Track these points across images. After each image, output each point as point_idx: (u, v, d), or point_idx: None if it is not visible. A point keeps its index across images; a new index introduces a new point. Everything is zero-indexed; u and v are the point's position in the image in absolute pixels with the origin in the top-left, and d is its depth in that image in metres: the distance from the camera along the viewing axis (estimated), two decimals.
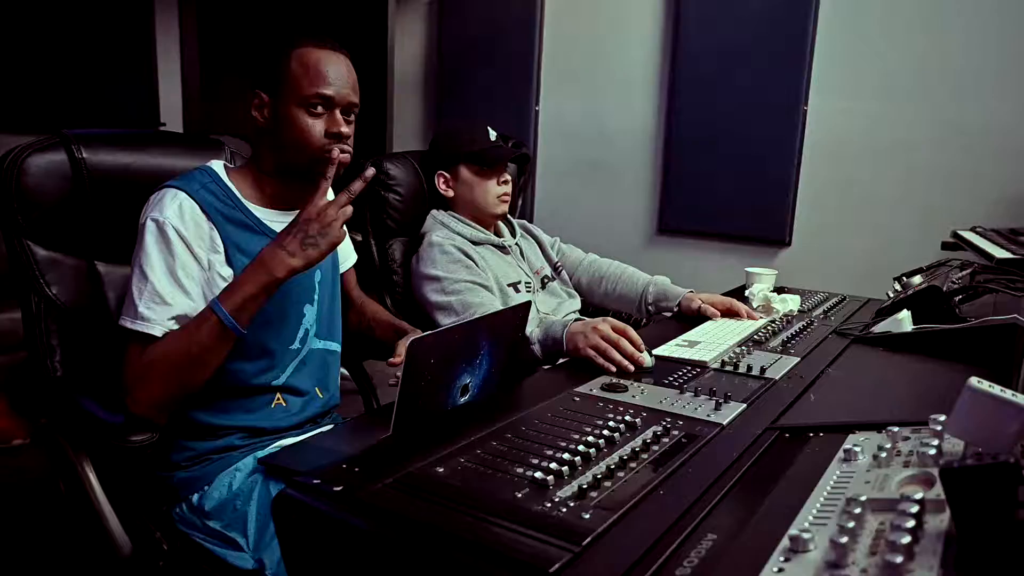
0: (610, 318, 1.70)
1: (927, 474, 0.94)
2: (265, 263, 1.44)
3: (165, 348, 1.43)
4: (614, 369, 1.60)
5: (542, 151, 5.04)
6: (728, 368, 1.64)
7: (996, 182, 3.75)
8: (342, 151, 1.55)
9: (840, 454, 1.10)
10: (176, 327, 1.45)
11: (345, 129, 1.56)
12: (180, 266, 1.46)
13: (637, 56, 4.66)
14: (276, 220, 1.62)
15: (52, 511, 2.61)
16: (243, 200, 1.59)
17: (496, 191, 2.24)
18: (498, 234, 2.33)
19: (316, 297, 1.71)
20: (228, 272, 1.52)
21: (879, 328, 1.98)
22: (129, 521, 1.46)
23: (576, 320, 1.76)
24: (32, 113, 4.25)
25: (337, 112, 1.56)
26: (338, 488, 1.00)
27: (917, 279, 2.24)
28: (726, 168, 4.41)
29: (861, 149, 4.07)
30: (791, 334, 1.96)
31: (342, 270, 1.91)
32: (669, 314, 2.26)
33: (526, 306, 1.52)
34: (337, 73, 1.55)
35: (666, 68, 4.56)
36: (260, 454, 1.53)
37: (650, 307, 2.30)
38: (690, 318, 2.13)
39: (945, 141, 3.85)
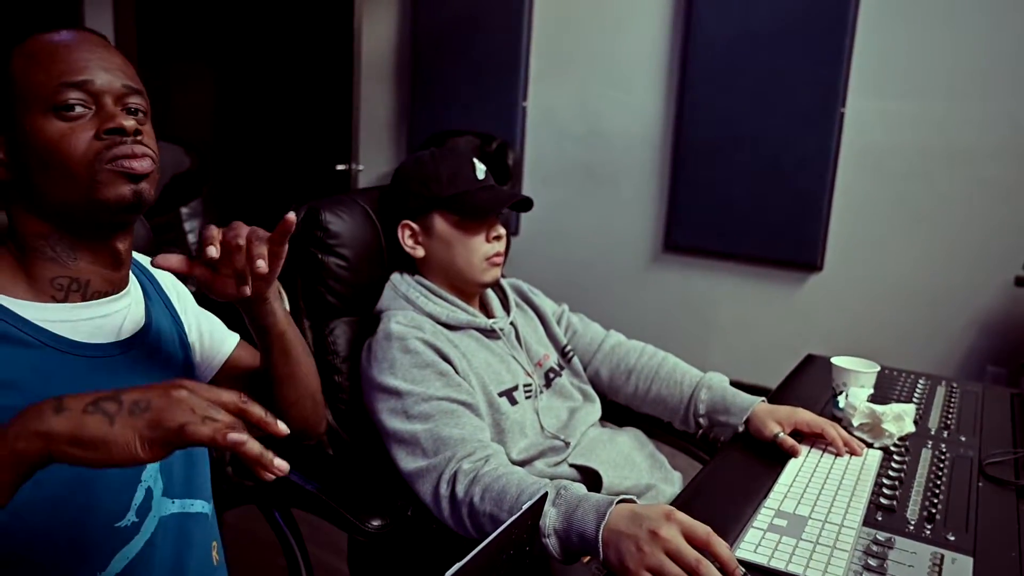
0: (678, 514, 1.02)
1: None
2: (13, 420, 0.76)
3: None
4: None
5: (530, 153, 4.43)
6: None
7: None
8: (134, 152, 0.96)
9: None
10: None
11: (127, 121, 0.96)
12: None
13: (642, 44, 4.04)
14: (64, 319, 0.98)
15: None
16: None
17: (484, 251, 1.57)
18: (484, 309, 1.66)
19: None
20: None
21: None
22: None
23: (618, 504, 1.09)
24: None
25: (108, 102, 0.97)
26: None
27: None
28: (746, 177, 3.82)
29: (911, 159, 3.47)
30: (927, 487, 1.31)
31: (218, 359, 1.23)
32: (729, 430, 1.59)
33: (537, 510, 0.86)
34: (87, 51, 0.98)
35: (676, 59, 3.95)
36: None
37: (701, 419, 1.62)
38: (765, 445, 1.47)
39: (1013, 149, 3.25)
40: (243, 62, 5.31)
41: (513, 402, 1.52)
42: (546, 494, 0.93)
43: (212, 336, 1.23)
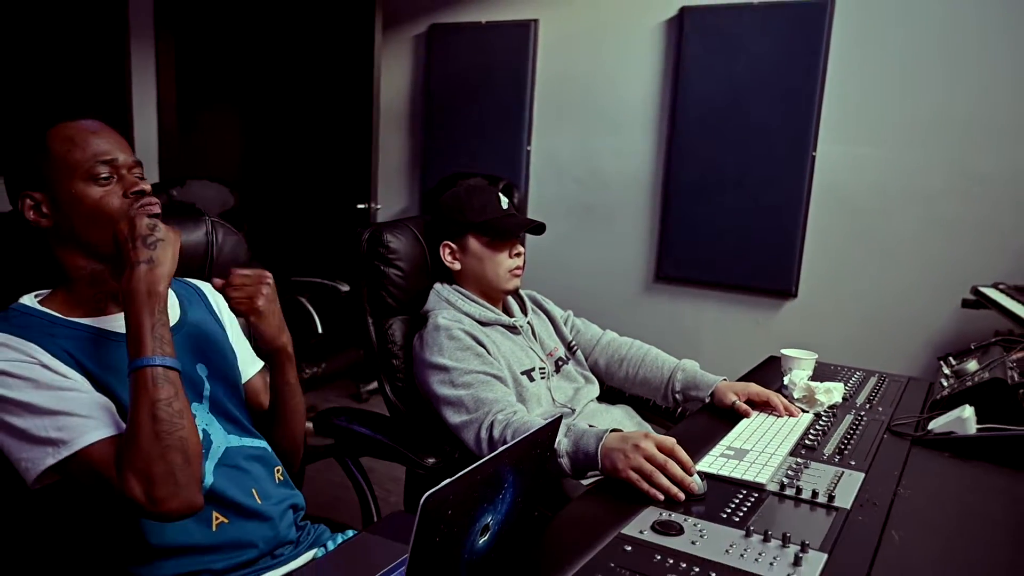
0: (653, 433, 1.48)
1: None
2: (132, 287, 1.22)
3: (133, 431, 1.17)
4: (661, 497, 1.38)
5: (534, 192, 4.84)
6: (789, 491, 1.42)
7: (1018, 235, 3.58)
8: (151, 202, 1.34)
9: None
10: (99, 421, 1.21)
11: (146, 185, 1.35)
12: (47, 382, 1.21)
13: (636, 95, 4.47)
14: (117, 325, 1.35)
15: None
16: (66, 319, 1.34)
17: (508, 264, 2.02)
18: (507, 311, 2.11)
19: (206, 394, 1.45)
20: (80, 378, 1.26)
21: (939, 426, 1.77)
22: None
23: (611, 432, 1.53)
24: None
25: (125, 173, 1.35)
26: None
27: (972, 365, 2.03)
28: (729, 214, 4.22)
29: (874, 198, 3.89)
30: (843, 435, 1.75)
31: (244, 379, 1.62)
32: (699, 403, 2.04)
33: (555, 424, 1.30)
34: (107, 136, 1.36)
35: (666, 108, 4.38)
36: None
37: (677, 395, 2.08)
38: (725, 412, 1.92)
39: (963, 191, 3.68)
40: (271, 111, 5.73)
41: (531, 379, 1.97)
42: (562, 416, 1.37)
43: (239, 350, 1.62)
